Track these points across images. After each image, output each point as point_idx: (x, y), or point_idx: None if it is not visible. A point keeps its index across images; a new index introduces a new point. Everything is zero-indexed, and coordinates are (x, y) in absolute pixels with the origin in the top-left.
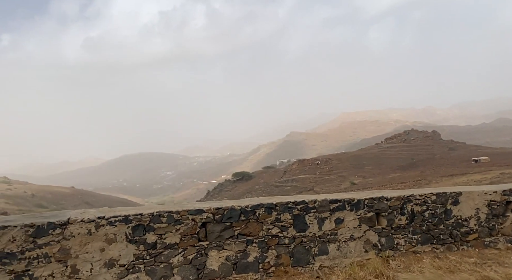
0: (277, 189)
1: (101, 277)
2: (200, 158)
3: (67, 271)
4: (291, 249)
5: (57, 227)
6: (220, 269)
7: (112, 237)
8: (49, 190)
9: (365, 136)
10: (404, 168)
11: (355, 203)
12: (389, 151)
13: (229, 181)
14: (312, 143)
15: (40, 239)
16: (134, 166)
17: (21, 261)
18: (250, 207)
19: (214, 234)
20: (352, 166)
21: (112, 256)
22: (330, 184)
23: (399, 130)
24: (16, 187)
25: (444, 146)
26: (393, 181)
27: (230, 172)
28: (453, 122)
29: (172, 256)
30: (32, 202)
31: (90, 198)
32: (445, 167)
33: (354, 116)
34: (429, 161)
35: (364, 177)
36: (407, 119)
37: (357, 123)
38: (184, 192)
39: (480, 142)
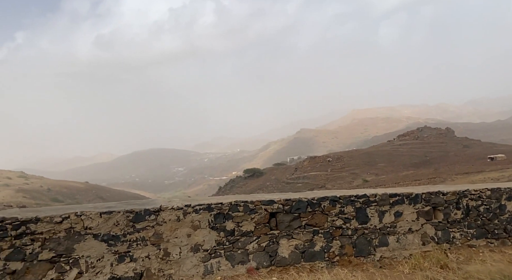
0: (288, 186)
1: (188, 260)
2: (210, 155)
3: (160, 254)
4: (354, 240)
5: (152, 213)
6: (290, 256)
7: (197, 223)
8: (64, 185)
9: (376, 133)
10: (417, 165)
11: (413, 197)
12: (401, 148)
13: (240, 178)
14: (323, 140)
15: (138, 224)
16: (146, 162)
17: (124, 243)
18: (316, 200)
19: (284, 223)
20: (364, 163)
21: (197, 241)
22: (342, 182)
23: (411, 127)
24: (33, 182)
25: (458, 143)
26: (407, 179)
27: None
28: (466, 119)
29: (248, 243)
30: (48, 196)
31: (104, 193)
32: (460, 164)
33: (365, 113)
34: (443, 159)
35: (377, 174)
36: (419, 116)
37: (368, 120)
38: (195, 188)
39: (495, 139)
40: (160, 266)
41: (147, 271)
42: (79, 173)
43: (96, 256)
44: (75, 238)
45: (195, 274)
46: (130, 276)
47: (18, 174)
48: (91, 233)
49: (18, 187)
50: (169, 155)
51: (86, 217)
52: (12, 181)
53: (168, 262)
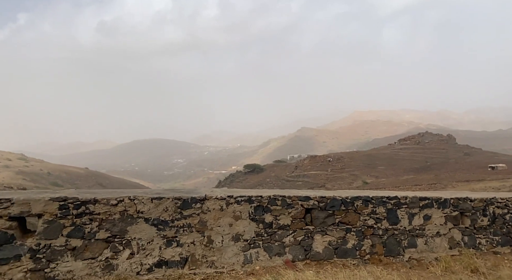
0: (288, 184)
1: (230, 248)
2: (211, 148)
3: (204, 241)
4: (384, 240)
5: (198, 201)
6: (324, 252)
7: (238, 214)
8: (64, 170)
9: (377, 136)
10: (417, 170)
11: (442, 202)
12: (402, 152)
13: (240, 172)
14: (323, 139)
15: (185, 211)
16: (146, 151)
17: (172, 228)
18: (350, 199)
19: (319, 220)
20: (365, 165)
21: (238, 231)
22: (341, 182)
23: (412, 131)
24: (33, 165)
25: (460, 150)
26: (407, 183)
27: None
28: (468, 127)
29: (284, 236)
30: (48, 180)
31: (103, 180)
32: (460, 172)
33: (367, 115)
34: (443, 165)
35: (377, 177)
36: (420, 121)
37: (370, 122)
38: (194, 180)
39: (496, 149)
40: (204, 252)
41: (191, 257)
42: (79, 159)
43: (146, 239)
44: (128, 221)
45: (236, 262)
46: (176, 260)
47: (18, 156)
48: (142, 217)
49: (18, 169)
50: (169, 146)
51: (139, 202)
52: (12, 163)
53: (211, 249)
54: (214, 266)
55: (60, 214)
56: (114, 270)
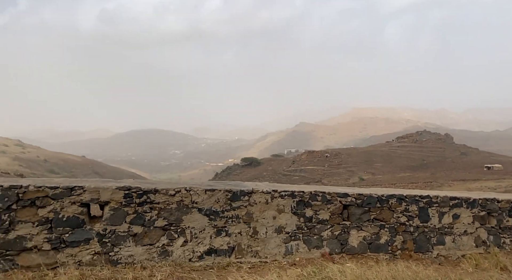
0: (285, 178)
1: (273, 240)
2: (208, 140)
3: (250, 231)
4: (415, 236)
5: (246, 194)
6: (358, 246)
7: (281, 208)
8: (61, 157)
9: (374, 133)
10: (414, 168)
11: (471, 202)
12: (400, 150)
13: (237, 165)
14: (321, 135)
15: (234, 203)
16: (143, 141)
17: (222, 219)
18: (385, 196)
19: (355, 216)
20: (362, 161)
21: (280, 223)
22: (338, 178)
23: (409, 130)
24: (30, 151)
25: (456, 150)
26: (403, 181)
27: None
28: (465, 127)
29: (323, 230)
30: (44, 167)
31: (100, 169)
32: (457, 171)
33: (365, 111)
34: (440, 164)
35: (373, 173)
36: (418, 119)
37: (368, 119)
38: (191, 171)
39: (493, 149)
40: (249, 242)
41: (238, 246)
42: (75, 146)
43: (199, 228)
44: (183, 210)
45: (278, 253)
46: (225, 249)
47: (15, 143)
48: (196, 207)
49: (15, 155)
50: (166, 136)
51: (194, 193)
52: (8, 149)
53: (256, 240)
54: (258, 256)
55: (124, 202)
56: (169, 256)
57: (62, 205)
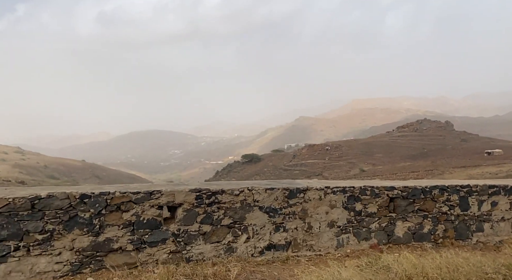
0: (286, 173)
1: (325, 234)
2: (207, 138)
3: (305, 227)
4: (456, 225)
5: (301, 192)
6: (403, 236)
7: (333, 203)
8: (61, 162)
9: (374, 124)
10: (414, 157)
11: (508, 189)
12: (400, 139)
13: (238, 162)
14: (321, 128)
15: (291, 200)
16: (143, 142)
17: (280, 215)
18: (428, 188)
19: (401, 207)
20: (362, 153)
21: (332, 218)
22: (339, 170)
23: (409, 119)
24: (30, 158)
25: (457, 137)
26: (404, 170)
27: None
28: (465, 113)
29: (371, 223)
30: (45, 173)
31: (100, 172)
32: (457, 158)
33: (365, 103)
34: (440, 152)
35: (374, 164)
36: (418, 108)
37: (367, 110)
38: (191, 170)
39: (492, 134)
40: (304, 237)
41: (294, 241)
42: (75, 151)
43: (260, 225)
44: (246, 209)
45: (330, 246)
46: (282, 244)
47: (15, 150)
48: (258, 205)
49: (15, 162)
50: (166, 137)
51: (256, 192)
52: (8, 156)
53: (311, 234)
54: (312, 249)
55: (196, 204)
56: (234, 252)
57: (143, 208)
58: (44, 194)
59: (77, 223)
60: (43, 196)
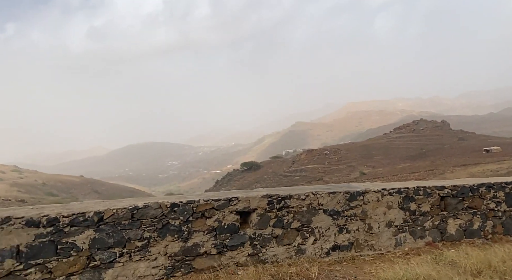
0: (286, 179)
1: (384, 233)
2: (205, 148)
3: (365, 227)
4: (503, 220)
5: (360, 194)
6: (455, 233)
7: (390, 204)
8: (59, 179)
9: (370, 126)
10: (413, 158)
11: None
12: (398, 141)
13: (237, 171)
14: (317, 133)
15: (352, 203)
16: (140, 155)
17: (342, 218)
18: (476, 186)
19: (451, 206)
20: (361, 156)
21: (390, 218)
22: (339, 174)
23: (405, 120)
24: (27, 176)
25: (454, 136)
26: (404, 171)
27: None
28: (460, 112)
29: (425, 221)
30: (43, 190)
31: (99, 187)
32: (456, 157)
33: (360, 106)
34: (438, 151)
35: (374, 167)
36: (413, 109)
37: (363, 113)
38: (190, 181)
39: (488, 132)
40: (365, 237)
41: (356, 241)
42: (72, 167)
43: (325, 227)
44: (312, 212)
45: (389, 245)
46: (346, 244)
47: (12, 168)
48: (322, 208)
49: (13, 181)
50: (163, 148)
51: (320, 196)
52: (5, 175)
53: (371, 235)
54: (373, 249)
55: (268, 208)
56: (303, 253)
57: (223, 214)
58: (141, 204)
59: (169, 230)
60: (140, 206)
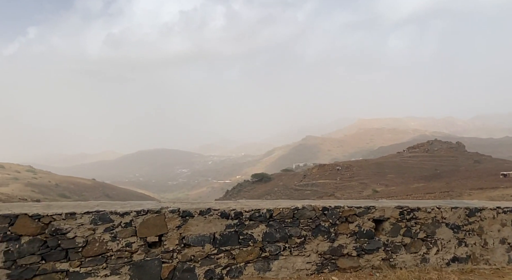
0: (297, 193)
1: (498, 249)
2: (214, 157)
3: (481, 242)
4: None
5: (478, 211)
6: None
7: (504, 222)
8: (71, 181)
9: (382, 144)
10: (427, 178)
11: None
12: (411, 160)
13: (247, 182)
14: (328, 148)
15: (470, 218)
16: (150, 161)
17: (462, 232)
18: None
19: None
20: (374, 173)
21: (504, 235)
22: (351, 191)
23: (417, 139)
24: (41, 176)
25: (469, 158)
26: (418, 191)
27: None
28: (474, 134)
29: None
30: (56, 191)
31: (110, 191)
32: (472, 179)
33: (371, 123)
34: (453, 173)
35: (387, 185)
36: (426, 128)
37: (375, 130)
38: (198, 190)
39: (504, 156)
40: (481, 252)
41: (473, 255)
42: (84, 170)
43: (446, 239)
44: (436, 225)
45: (502, 261)
46: (463, 257)
47: (27, 168)
48: (444, 222)
49: (27, 181)
50: (173, 156)
51: (443, 210)
52: (20, 175)
53: (486, 250)
54: (488, 263)
55: (399, 219)
56: (427, 262)
57: (363, 221)
58: (300, 206)
59: (320, 231)
60: (300, 207)
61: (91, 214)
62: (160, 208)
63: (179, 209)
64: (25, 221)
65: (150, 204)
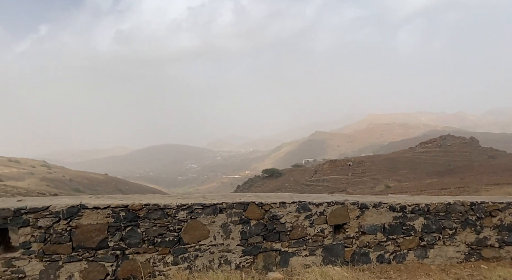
0: (308, 188)
1: None
2: (223, 153)
3: None
4: None
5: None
6: None
7: None
8: (84, 176)
9: (392, 139)
10: (441, 174)
11: None
12: (424, 155)
13: (258, 177)
14: (337, 143)
15: None
16: (160, 157)
17: None
18: None
19: None
20: (386, 169)
21: None
22: (363, 186)
23: (428, 134)
24: (55, 171)
25: (483, 153)
26: (431, 187)
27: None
28: (486, 129)
29: None
30: (70, 186)
31: (123, 186)
32: (487, 175)
33: (381, 118)
34: (467, 168)
35: (399, 181)
36: (436, 123)
37: (385, 125)
38: (208, 185)
39: None
40: None
41: None
42: (95, 165)
43: None
44: None
45: None
46: None
47: (41, 163)
48: None
49: (42, 176)
50: (182, 151)
51: None
52: (36, 170)
53: None
54: None
55: None
56: None
57: (504, 215)
58: (452, 201)
59: (468, 223)
60: (452, 203)
61: (296, 204)
62: (344, 200)
63: (358, 201)
64: (253, 208)
65: (335, 197)
